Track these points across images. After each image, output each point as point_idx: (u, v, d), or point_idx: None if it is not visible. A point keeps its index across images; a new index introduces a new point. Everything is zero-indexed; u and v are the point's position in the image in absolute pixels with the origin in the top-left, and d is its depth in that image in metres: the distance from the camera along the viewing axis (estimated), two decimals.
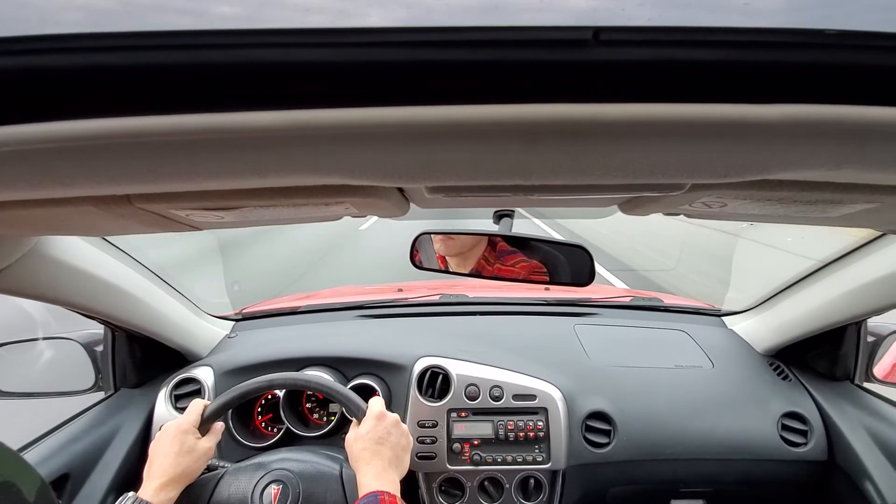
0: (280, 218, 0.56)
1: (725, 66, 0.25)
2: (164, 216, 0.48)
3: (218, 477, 0.89)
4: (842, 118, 0.27)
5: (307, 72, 0.25)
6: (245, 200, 0.43)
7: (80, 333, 1.17)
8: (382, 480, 0.79)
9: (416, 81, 0.26)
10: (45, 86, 0.25)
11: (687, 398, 1.22)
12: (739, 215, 0.57)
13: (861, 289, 1.03)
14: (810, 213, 0.51)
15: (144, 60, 0.25)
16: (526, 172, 0.35)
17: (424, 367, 1.20)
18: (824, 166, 0.33)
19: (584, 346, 1.34)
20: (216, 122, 0.27)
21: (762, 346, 1.34)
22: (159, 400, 1.17)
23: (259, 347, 1.30)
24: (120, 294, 0.98)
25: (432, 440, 1.14)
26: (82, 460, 1.03)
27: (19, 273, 0.71)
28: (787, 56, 0.25)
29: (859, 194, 0.42)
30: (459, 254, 1.10)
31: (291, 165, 0.33)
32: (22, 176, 0.32)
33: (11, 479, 0.47)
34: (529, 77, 0.26)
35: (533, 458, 1.13)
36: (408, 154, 0.32)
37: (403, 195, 0.52)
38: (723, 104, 0.27)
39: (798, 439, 1.16)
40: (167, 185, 0.35)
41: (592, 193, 0.49)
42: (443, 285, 1.78)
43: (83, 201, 0.41)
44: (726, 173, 0.34)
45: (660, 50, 0.25)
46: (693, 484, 1.19)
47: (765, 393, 1.23)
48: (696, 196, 0.47)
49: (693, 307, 1.59)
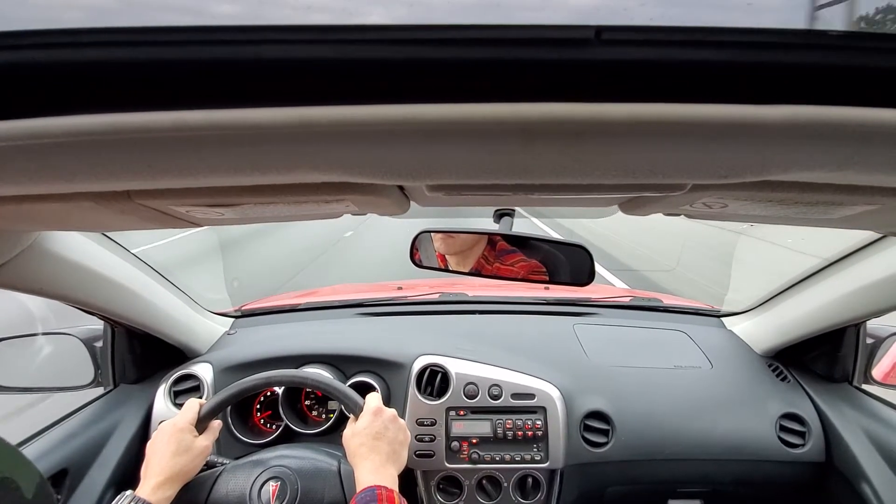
0: (281, 215, 0.56)
1: (727, 66, 0.25)
2: (165, 212, 0.48)
3: (216, 474, 0.89)
4: (843, 120, 0.27)
5: (308, 69, 0.25)
6: (245, 197, 0.43)
7: (80, 329, 1.17)
8: (380, 475, 0.79)
9: (418, 79, 0.26)
10: (47, 81, 0.25)
11: (685, 398, 1.22)
12: (740, 216, 0.57)
13: (860, 291, 1.03)
14: (811, 215, 0.51)
15: (145, 56, 0.25)
16: (526, 171, 0.35)
17: (423, 366, 1.20)
18: (825, 168, 0.33)
19: (583, 345, 1.34)
20: (217, 119, 0.27)
21: (761, 348, 1.34)
22: (158, 396, 1.17)
23: (258, 344, 1.30)
24: (119, 290, 0.98)
25: (431, 438, 1.14)
26: (81, 456, 1.03)
27: (19, 268, 0.71)
28: (789, 57, 0.25)
29: (860, 196, 0.42)
30: (459, 252, 1.10)
31: (292, 162, 0.33)
32: (23, 171, 0.32)
33: (10, 474, 0.47)
34: (531, 76, 0.26)
35: (531, 457, 1.13)
36: (408, 152, 0.32)
37: (404, 193, 0.52)
38: (724, 105, 0.27)
39: (796, 440, 1.16)
40: (167, 181, 0.35)
41: (593, 193, 0.49)
42: (442, 284, 1.78)
43: (84, 197, 0.41)
44: (727, 174, 0.34)
45: (661, 50, 0.25)
46: (690, 484, 1.19)
47: (763, 394, 1.23)
48: (696, 196, 0.47)
49: (692, 308, 1.59)
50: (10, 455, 0.50)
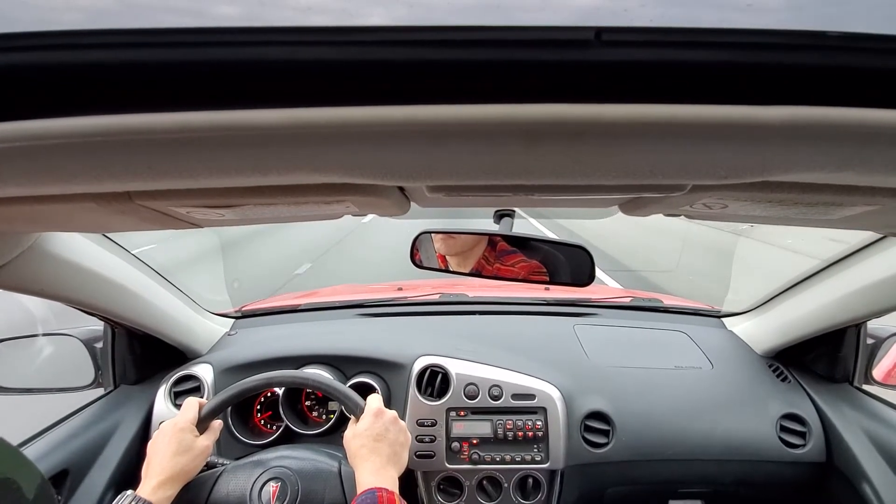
0: (281, 216, 0.56)
1: (728, 67, 0.25)
2: (165, 213, 0.48)
3: (216, 475, 0.89)
4: (844, 121, 0.27)
5: (309, 70, 0.25)
6: (246, 198, 0.43)
7: (80, 330, 1.17)
8: (380, 477, 0.79)
9: (418, 80, 0.26)
10: (48, 83, 0.25)
11: (686, 399, 1.22)
12: (740, 217, 0.57)
13: (861, 291, 1.03)
14: (811, 215, 0.51)
15: (146, 58, 0.25)
16: (526, 172, 0.35)
17: (424, 366, 1.20)
18: (825, 169, 0.33)
19: (583, 346, 1.34)
20: (217, 120, 0.27)
21: (761, 348, 1.34)
22: (159, 397, 1.17)
23: (259, 345, 1.30)
24: (120, 291, 0.98)
25: (431, 439, 1.14)
26: (81, 456, 1.03)
27: (20, 269, 0.71)
28: (789, 58, 0.25)
29: (860, 196, 0.42)
30: (460, 253, 1.10)
31: (292, 164, 0.33)
32: (24, 172, 0.32)
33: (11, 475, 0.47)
34: (531, 77, 0.26)
35: (531, 458, 1.13)
36: (408, 153, 0.32)
37: (404, 194, 0.52)
38: (724, 105, 0.27)
39: (796, 441, 1.16)
40: (168, 182, 0.35)
41: (593, 194, 0.49)
42: (443, 284, 1.78)
43: (84, 198, 0.41)
44: (727, 175, 0.34)
45: (662, 51, 0.25)
46: (691, 484, 1.19)
47: (764, 394, 1.23)
48: (696, 197, 0.47)
49: (693, 308, 1.59)
50: (10, 456, 0.50)
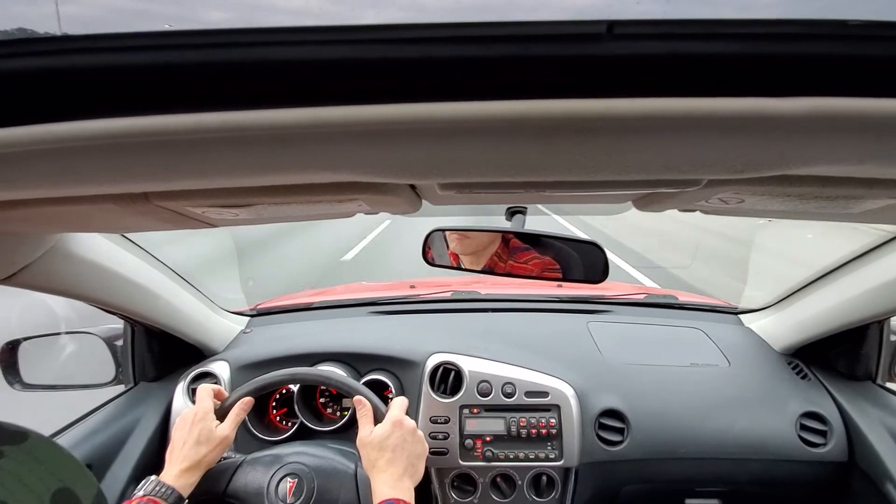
0: (294, 215, 0.57)
1: (743, 58, 0.25)
2: (182, 213, 0.49)
3: (235, 465, 0.91)
4: (864, 112, 0.26)
5: (321, 69, 0.26)
6: (259, 198, 0.44)
7: (101, 328, 1.20)
8: (398, 489, 0.79)
9: (429, 78, 0.26)
10: (67, 86, 0.26)
11: (702, 397, 1.20)
12: (757, 211, 0.56)
13: (883, 286, 1.01)
14: (831, 210, 0.50)
15: (162, 60, 0.25)
16: (538, 169, 0.35)
17: (437, 364, 1.20)
18: (846, 161, 0.32)
19: (597, 343, 1.33)
20: (232, 121, 0.27)
21: (780, 345, 1.32)
22: (177, 393, 1.19)
23: (273, 343, 1.32)
24: (139, 290, 1.01)
25: (444, 436, 1.14)
26: (104, 451, 1.06)
27: (42, 269, 0.73)
28: (807, 48, 0.25)
29: (882, 189, 0.41)
30: (473, 252, 1.10)
31: (305, 162, 0.33)
32: (45, 175, 0.33)
33: (71, 485, 0.48)
34: (542, 72, 0.26)
35: (545, 455, 1.13)
36: (420, 151, 0.32)
37: (415, 192, 0.52)
38: (740, 98, 0.26)
39: (817, 440, 1.13)
40: (184, 182, 0.35)
41: (606, 189, 0.49)
42: (455, 282, 1.78)
43: (104, 199, 0.42)
44: (744, 169, 0.34)
45: (675, 43, 0.24)
46: (708, 483, 1.17)
47: (783, 392, 1.21)
48: (712, 192, 0.46)
49: (709, 305, 1.56)
50: (73, 467, 0.50)
